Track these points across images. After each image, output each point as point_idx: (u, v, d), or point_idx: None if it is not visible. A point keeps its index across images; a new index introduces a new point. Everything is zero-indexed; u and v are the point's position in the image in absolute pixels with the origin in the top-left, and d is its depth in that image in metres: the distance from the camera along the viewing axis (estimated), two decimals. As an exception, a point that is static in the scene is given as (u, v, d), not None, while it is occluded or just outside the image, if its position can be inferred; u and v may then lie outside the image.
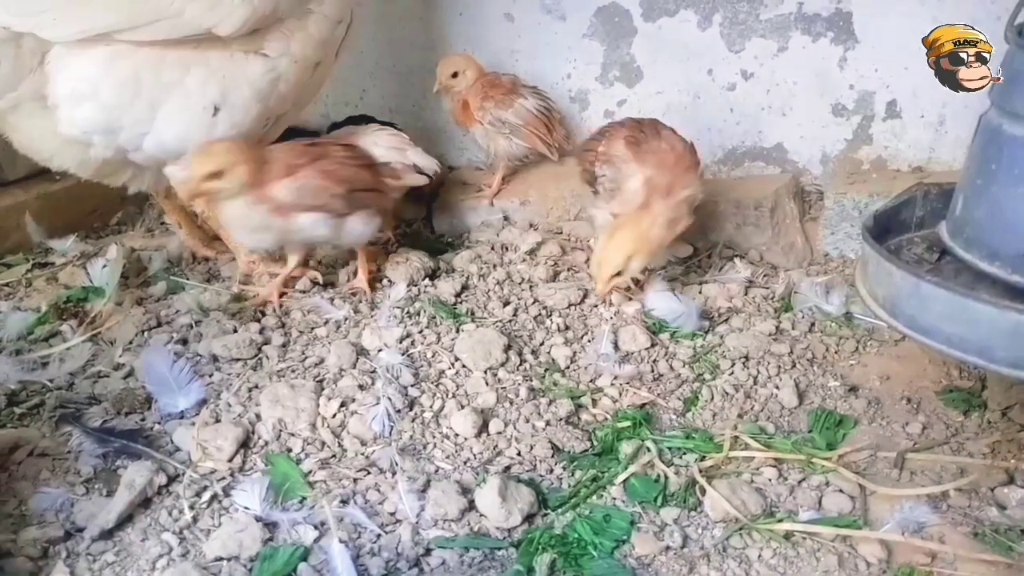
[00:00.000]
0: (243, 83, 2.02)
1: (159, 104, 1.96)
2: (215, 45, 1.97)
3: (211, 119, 2.01)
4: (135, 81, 1.92)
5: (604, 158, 2.21)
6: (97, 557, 1.40)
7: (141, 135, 1.99)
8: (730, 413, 1.79)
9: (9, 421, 1.72)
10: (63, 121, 1.94)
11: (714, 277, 2.31)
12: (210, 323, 2.05)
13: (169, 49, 1.92)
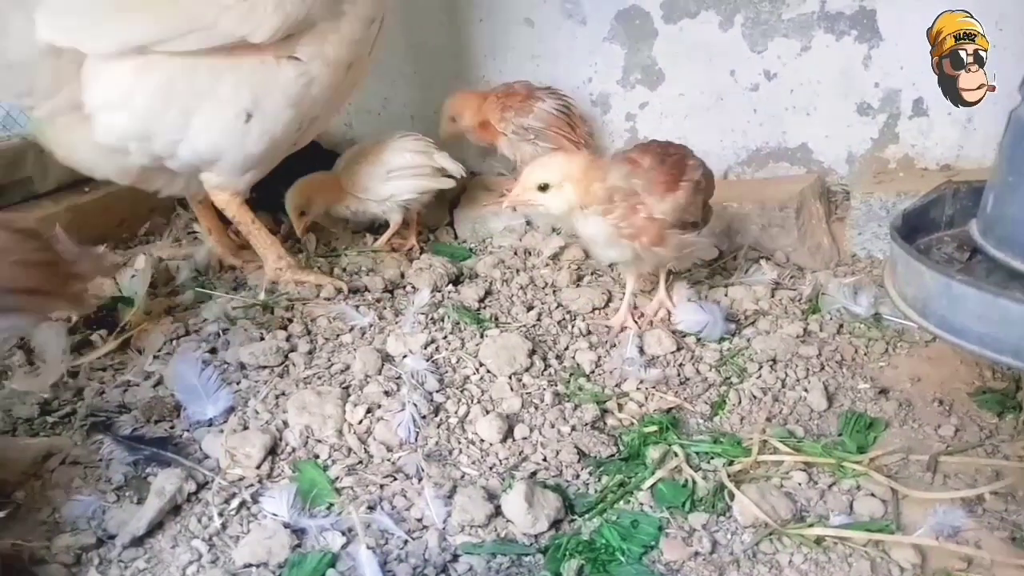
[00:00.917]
0: (275, 89, 2.03)
1: (192, 112, 1.98)
2: (247, 52, 1.98)
3: (244, 126, 2.03)
4: (168, 89, 1.94)
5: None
6: (128, 564, 1.41)
7: (175, 142, 2.01)
8: (758, 417, 1.77)
9: (42, 430, 1.75)
10: (99, 129, 1.97)
11: (740, 279, 2.29)
12: (237, 331, 2.07)
13: (201, 57, 1.94)
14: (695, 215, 2.01)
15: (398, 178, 2.52)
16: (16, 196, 2.62)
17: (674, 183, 1.92)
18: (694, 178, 1.97)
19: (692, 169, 1.99)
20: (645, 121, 2.92)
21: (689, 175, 1.96)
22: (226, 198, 2.21)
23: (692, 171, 1.98)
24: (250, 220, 2.27)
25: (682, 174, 1.95)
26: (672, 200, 1.90)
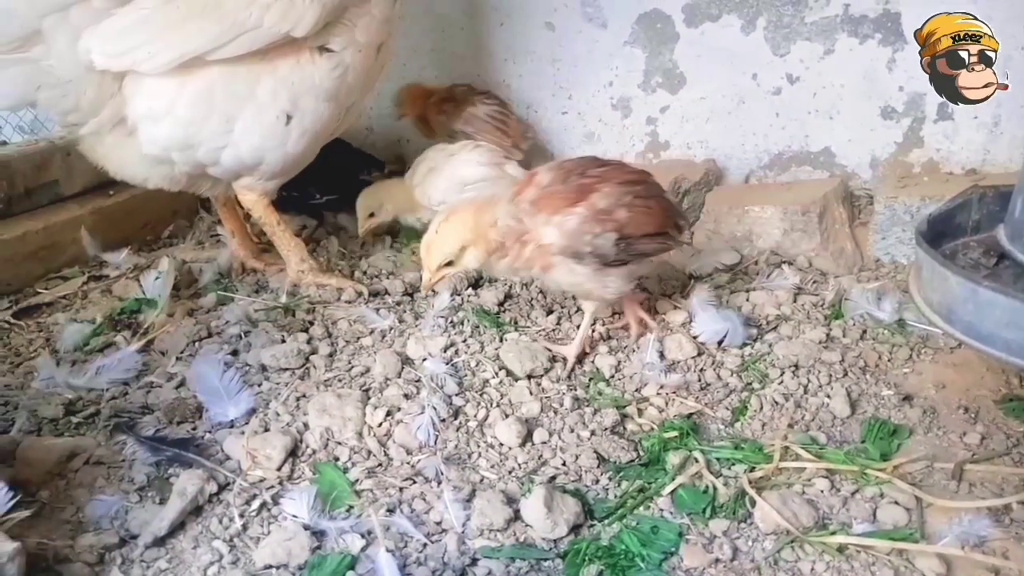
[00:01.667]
0: (312, 87, 2.05)
1: (234, 118, 2.00)
2: (282, 53, 2.00)
3: (284, 128, 2.05)
4: (209, 96, 1.96)
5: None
6: (150, 564, 1.42)
7: (219, 149, 2.04)
8: (780, 423, 1.76)
9: (66, 430, 1.77)
10: (143, 140, 1.99)
11: (761, 284, 2.28)
12: (259, 333, 2.08)
13: (239, 63, 1.96)
14: (593, 247, 1.80)
15: (473, 191, 2.50)
16: (43, 199, 2.66)
17: (565, 207, 1.79)
18: (597, 206, 1.79)
19: (602, 197, 1.80)
20: (666, 125, 2.92)
21: (591, 201, 1.79)
22: (254, 198, 2.23)
23: (600, 199, 1.80)
24: (275, 221, 2.29)
25: (581, 199, 1.80)
26: (557, 224, 1.79)
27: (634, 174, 1.93)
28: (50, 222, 2.56)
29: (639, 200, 1.86)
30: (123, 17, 1.83)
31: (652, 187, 1.95)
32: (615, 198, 1.82)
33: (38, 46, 1.78)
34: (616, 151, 2.99)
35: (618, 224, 1.81)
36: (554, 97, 3.01)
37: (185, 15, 1.87)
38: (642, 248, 1.88)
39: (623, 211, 1.82)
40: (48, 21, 1.76)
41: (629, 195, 1.84)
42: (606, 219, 1.80)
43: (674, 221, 1.95)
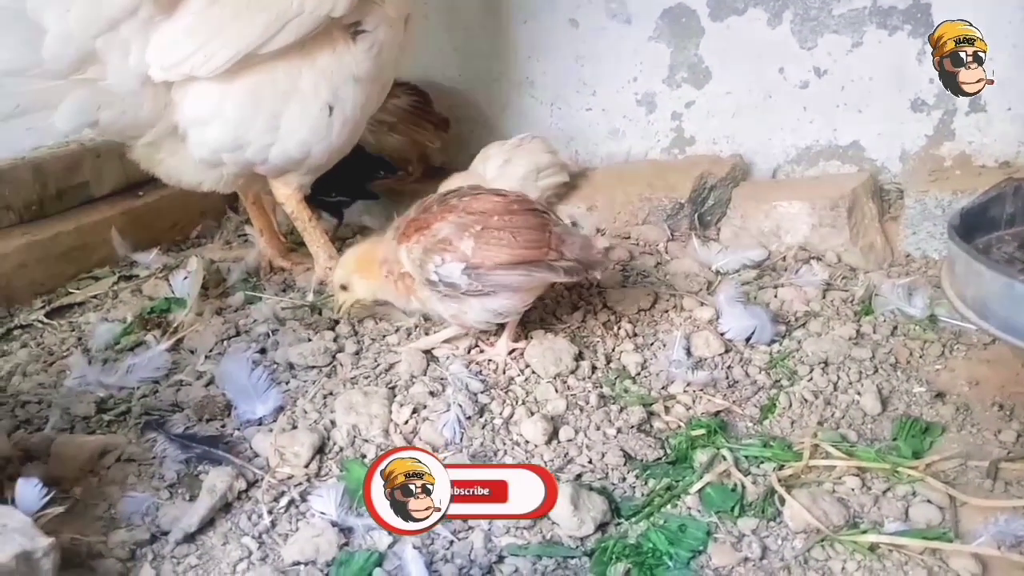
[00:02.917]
0: (350, 75, 2.06)
1: (279, 114, 2.02)
2: (319, 44, 2.01)
3: (328, 120, 2.07)
4: (255, 95, 1.98)
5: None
6: (181, 560, 1.44)
7: (267, 147, 2.05)
8: (809, 420, 1.74)
9: (98, 427, 1.80)
10: (193, 144, 2.01)
11: (790, 280, 2.25)
12: (286, 332, 2.10)
13: (280, 58, 1.97)
14: (440, 276, 1.78)
15: (544, 177, 2.60)
16: (74, 200, 2.70)
17: (414, 234, 1.81)
18: (439, 235, 1.78)
19: (446, 226, 1.78)
20: (691, 120, 2.89)
21: (432, 230, 1.79)
22: (288, 193, 2.25)
23: (444, 227, 1.78)
24: (307, 217, 2.31)
25: (425, 227, 1.80)
26: (407, 252, 1.82)
27: (498, 203, 1.83)
28: (81, 223, 2.60)
29: (491, 231, 1.78)
30: (172, 27, 1.84)
31: (519, 216, 1.82)
32: (461, 227, 1.78)
33: (94, 66, 1.79)
34: (641, 147, 2.98)
35: (462, 255, 1.77)
36: (578, 94, 3.00)
37: (232, 14, 1.88)
38: (500, 280, 1.79)
39: (469, 241, 1.78)
40: (101, 41, 1.77)
41: (479, 224, 1.78)
42: (447, 249, 1.78)
43: (546, 253, 1.80)
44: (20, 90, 1.75)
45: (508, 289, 1.82)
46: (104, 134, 2.05)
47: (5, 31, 1.69)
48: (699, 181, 2.66)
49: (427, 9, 2.97)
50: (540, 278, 1.83)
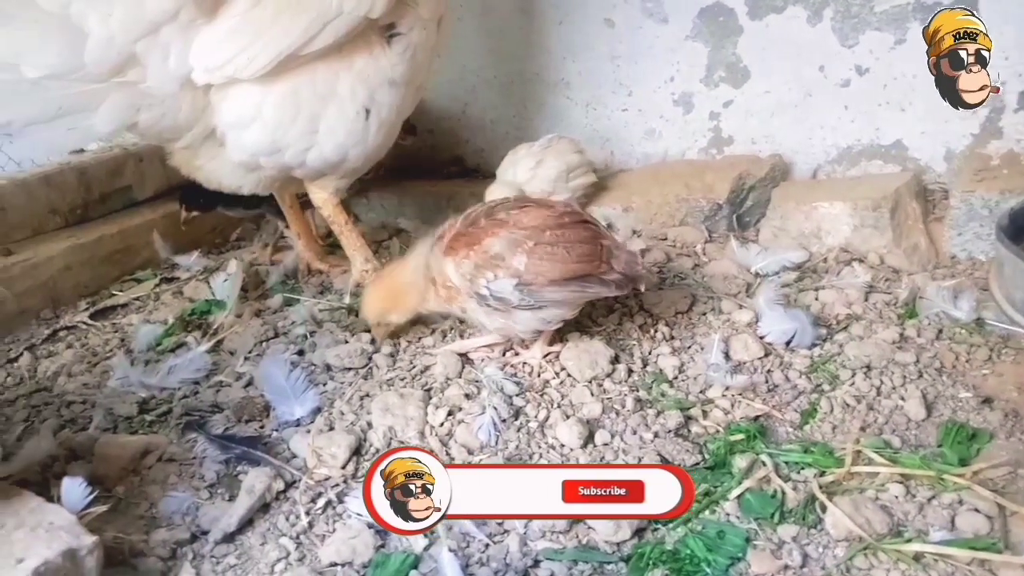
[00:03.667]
0: (386, 78, 2.07)
1: (318, 117, 2.03)
2: (355, 47, 2.03)
3: (365, 123, 2.08)
4: (294, 98, 1.99)
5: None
6: (220, 559, 1.46)
7: (305, 151, 2.07)
8: (851, 426, 1.70)
9: (141, 427, 1.83)
10: (232, 148, 2.03)
11: (831, 282, 2.21)
12: (324, 334, 2.12)
13: (319, 60, 1.99)
14: (492, 292, 1.76)
15: (575, 178, 2.62)
16: (117, 203, 2.76)
17: (463, 250, 1.79)
18: (491, 251, 1.76)
19: (497, 242, 1.76)
20: (730, 120, 2.86)
21: (483, 246, 1.77)
22: (325, 197, 2.26)
23: (495, 244, 1.76)
24: (344, 221, 2.32)
25: (476, 243, 1.78)
26: (455, 267, 1.80)
27: (548, 217, 1.81)
28: (124, 226, 2.65)
29: (543, 246, 1.76)
30: (216, 30, 1.86)
31: (571, 231, 1.80)
32: (512, 243, 1.76)
33: (134, 69, 1.81)
34: (678, 147, 2.95)
35: (515, 271, 1.76)
36: (614, 94, 2.98)
37: (273, 16, 1.89)
38: (552, 296, 1.78)
39: (521, 257, 1.76)
40: (141, 44, 1.79)
41: (531, 240, 1.76)
42: (499, 265, 1.76)
43: (598, 267, 1.79)
44: (62, 93, 1.78)
45: (559, 303, 1.81)
46: (143, 136, 2.08)
47: (49, 36, 1.72)
48: (737, 182, 2.62)
49: (462, 11, 2.97)
50: (592, 293, 1.84)
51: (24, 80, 1.71)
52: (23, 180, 2.52)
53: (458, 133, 3.26)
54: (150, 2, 1.78)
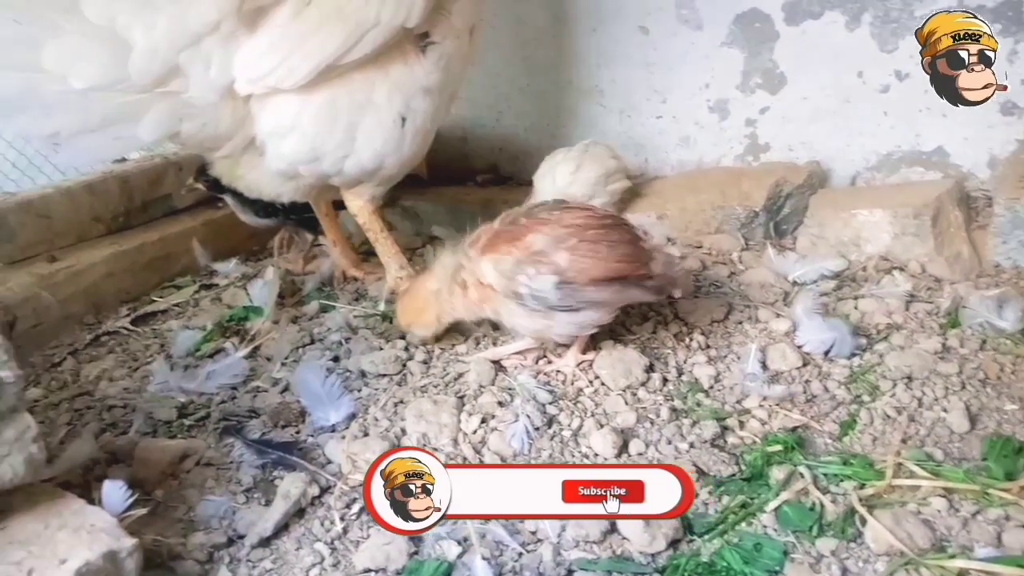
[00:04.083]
0: (421, 86, 2.09)
1: (355, 126, 2.05)
2: (391, 56, 2.04)
3: (401, 131, 2.09)
4: (332, 107, 2.01)
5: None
6: (256, 564, 1.47)
7: (343, 158, 2.09)
8: (892, 438, 1.67)
9: (179, 432, 1.86)
10: (271, 157, 2.06)
11: (871, 291, 2.17)
12: (359, 340, 2.13)
13: (356, 70, 2.01)
14: (531, 290, 1.75)
15: (612, 182, 2.62)
16: (158, 211, 2.82)
17: (503, 246, 1.79)
18: (533, 247, 1.75)
19: (540, 238, 1.76)
20: (766, 126, 2.83)
21: (526, 242, 1.76)
22: (361, 204, 2.28)
23: (538, 240, 1.76)
24: (379, 228, 2.34)
25: (517, 239, 1.78)
26: (493, 263, 1.79)
27: (590, 218, 1.81)
28: (165, 234, 2.70)
29: (586, 244, 1.76)
30: (257, 41, 1.89)
31: (612, 231, 1.80)
32: (555, 240, 1.76)
33: (177, 79, 1.85)
34: (713, 155, 2.93)
35: (557, 267, 1.75)
36: (648, 101, 2.97)
37: (314, 27, 1.91)
38: (592, 297, 1.77)
39: (564, 253, 1.75)
40: (184, 55, 1.83)
41: (574, 238, 1.76)
42: (541, 260, 1.75)
43: (638, 268, 1.79)
44: (107, 103, 1.82)
45: (598, 306, 1.81)
46: (185, 146, 2.12)
47: (96, 48, 1.76)
48: (774, 189, 2.59)
49: (496, 20, 2.98)
50: (631, 296, 1.83)
51: (71, 91, 1.76)
52: (68, 188, 2.58)
53: (492, 141, 3.27)
54: (193, 14, 1.81)
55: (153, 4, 1.79)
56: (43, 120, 1.80)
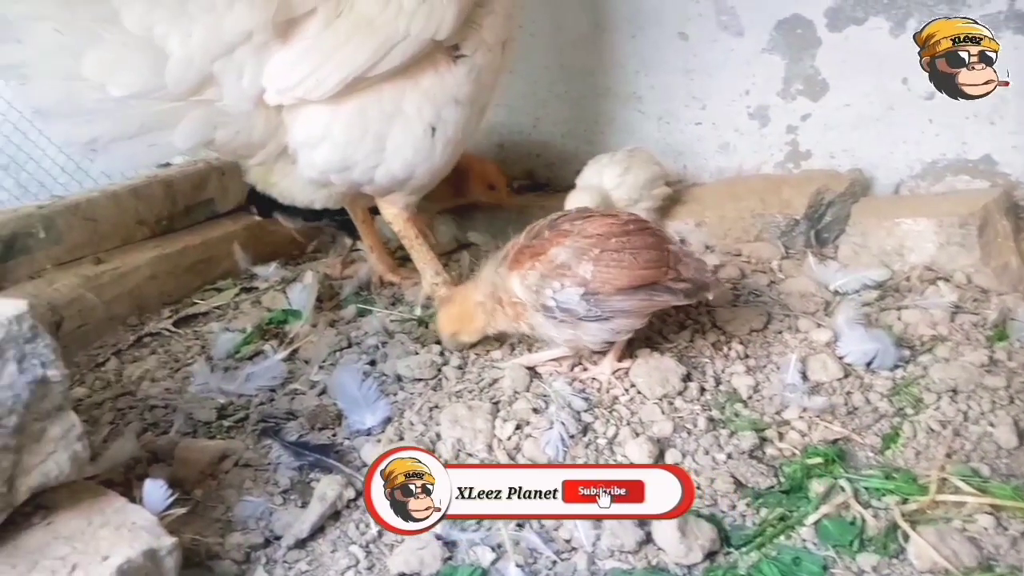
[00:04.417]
0: (452, 97, 2.10)
1: (385, 135, 2.06)
2: (421, 67, 2.05)
3: (431, 141, 2.10)
4: (361, 117, 2.03)
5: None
6: (292, 565, 1.48)
7: (373, 168, 2.10)
8: (936, 452, 1.63)
9: (219, 432, 1.88)
10: (303, 165, 2.08)
11: (915, 302, 2.13)
12: (395, 344, 2.14)
13: (385, 80, 2.02)
14: (559, 302, 1.76)
15: (658, 186, 2.62)
16: (201, 215, 2.86)
17: (527, 261, 1.80)
18: (556, 260, 1.76)
19: (563, 251, 1.76)
20: (807, 133, 2.79)
21: (549, 256, 1.77)
22: (395, 212, 2.30)
23: (560, 252, 1.76)
24: (414, 235, 2.35)
25: (541, 253, 1.79)
26: (520, 278, 1.81)
27: (612, 226, 1.80)
28: (207, 237, 2.75)
29: (610, 253, 1.75)
30: (288, 52, 1.91)
31: (636, 237, 1.79)
32: (578, 252, 1.76)
33: (211, 88, 1.88)
34: (753, 162, 2.90)
35: (582, 279, 1.75)
36: (687, 108, 2.94)
37: (344, 39, 1.93)
38: (619, 306, 1.76)
39: (588, 265, 1.75)
40: (218, 64, 1.86)
41: (597, 248, 1.75)
42: (565, 274, 1.76)
43: (665, 273, 1.78)
44: (144, 111, 1.85)
45: (628, 313, 1.79)
46: (221, 153, 2.15)
47: (134, 57, 1.80)
48: (815, 196, 2.55)
49: (534, 28, 2.99)
50: (660, 302, 1.81)
51: (110, 99, 1.80)
52: (114, 192, 2.64)
53: (528, 147, 3.27)
54: (227, 24, 1.84)
55: (189, 14, 1.82)
56: (82, 127, 1.85)
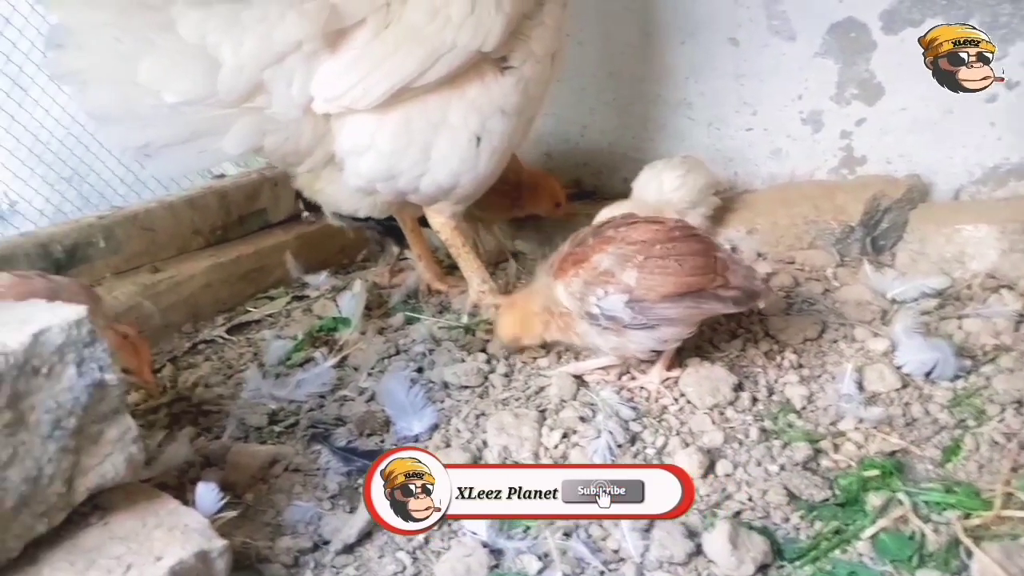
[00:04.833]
0: (498, 108, 2.11)
1: (430, 145, 2.08)
2: (468, 77, 2.07)
3: (476, 150, 2.11)
4: (407, 127, 2.05)
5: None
6: (340, 570, 1.49)
7: (418, 177, 2.12)
8: (1000, 466, 1.56)
9: (270, 438, 1.91)
10: (349, 174, 2.11)
11: (976, 310, 2.05)
12: (442, 352, 2.15)
13: (430, 90, 2.04)
14: (603, 309, 1.74)
15: (712, 193, 2.59)
16: (254, 225, 2.92)
17: (571, 269, 1.79)
18: (600, 267, 1.75)
19: (606, 257, 1.75)
20: (863, 138, 2.72)
21: (592, 263, 1.76)
22: (442, 221, 2.31)
23: (604, 259, 1.75)
24: (461, 243, 2.36)
25: (584, 260, 1.78)
26: (565, 286, 1.80)
27: (658, 232, 1.78)
28: (259, 247, 2.80)
29: (654, 260, 1.73)
30: (337, 61, 1.94)
31: (682, 244, 1.76)
32: (622, 258, 1.74)
33: (261, 95, 1.92)
34: (806, 167, 2.84)
35: (626, 286, 1.72)
36: (737, 113, 2.90)
37: (391, 49, 1.95)
38: (665, 313, 1.73)
39: (632, 271, 1.72)
40: (268, 72, 1.89)
41: (641, 255, 1.73)
42: (609, 281, 1.74)
43: (712, 280, 1.74)
44: (195, 117, 1.90)
45: (674, 321, 1.77)
46: (269, 159, 2.19)
47: (188, 64, 1.84)
48: (872, 203, 2.49)
49: (582, 36, 2.98)
50: (708, 309, 1.77)
51: (164, 105, 1.84)
52: (170, 203, 2.71)
53: (576, 156, 3.26)
54: (278, 33, 1.88)
55: (241, 23, 1.86)
56: (136, 131, 1.90)
